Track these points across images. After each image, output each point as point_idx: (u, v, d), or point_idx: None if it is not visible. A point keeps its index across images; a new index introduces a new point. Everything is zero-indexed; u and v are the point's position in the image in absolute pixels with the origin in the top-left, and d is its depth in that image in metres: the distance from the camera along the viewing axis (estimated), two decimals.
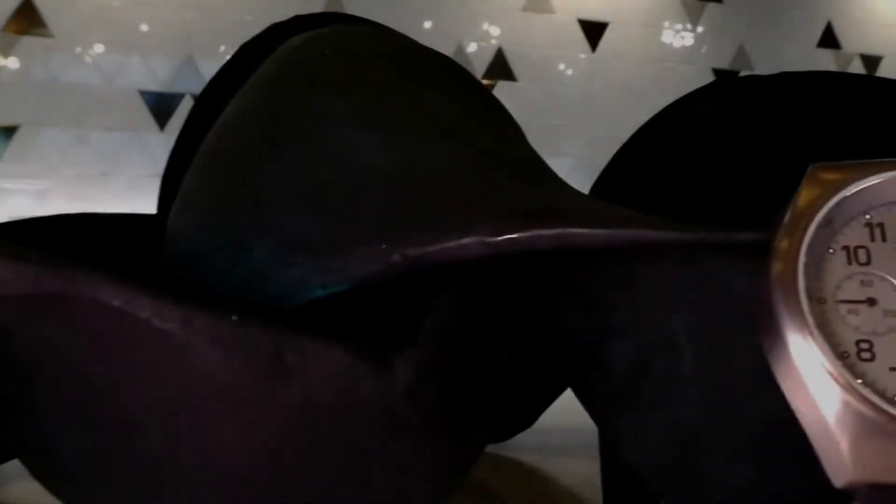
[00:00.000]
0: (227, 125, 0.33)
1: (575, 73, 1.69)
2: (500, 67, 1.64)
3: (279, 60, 0.34)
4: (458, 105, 0.32)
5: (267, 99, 0.32)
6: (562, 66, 1.69)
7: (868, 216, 0.23)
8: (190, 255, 0.32)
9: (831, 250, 0.22)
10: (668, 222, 0.25)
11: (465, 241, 0.25)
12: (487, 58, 1.64)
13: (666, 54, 1.74)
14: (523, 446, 0.48)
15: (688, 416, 0.28)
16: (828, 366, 0.20)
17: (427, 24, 1.61)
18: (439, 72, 0.34)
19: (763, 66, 1.74)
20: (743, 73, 1.53)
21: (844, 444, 0.20)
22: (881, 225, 0.23)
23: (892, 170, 0.23)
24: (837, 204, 0.23)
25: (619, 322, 0.29)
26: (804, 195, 0.23)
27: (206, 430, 0.25)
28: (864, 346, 0.21)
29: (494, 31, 1.64)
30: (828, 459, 0.20)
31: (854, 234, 0.23)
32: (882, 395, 0.20)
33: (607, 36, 1.70)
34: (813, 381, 0.20)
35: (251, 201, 0.30)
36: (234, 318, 0.23)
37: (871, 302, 0.22)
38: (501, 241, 0.25)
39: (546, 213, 0.25)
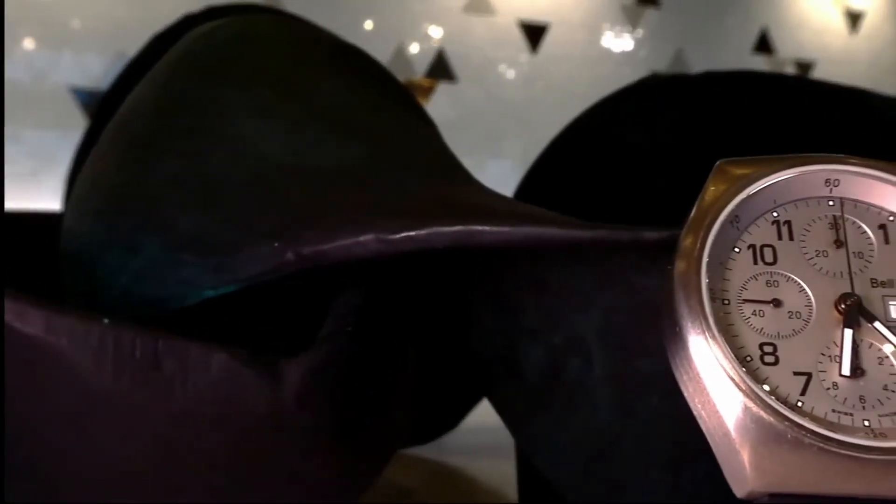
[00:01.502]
0: (124, 117, 0.32)
1: (516, 75, 1.69)
2: (442, 68, 1.63)
3: (180, 50, 0.32)
4: (364, 99, 0.31)
5: (164, 90, 0.31)
6: (503, 68, 1.68)
7: (775, 213, 0.22)
8: (82, 254, 0.30)
9: (737, 249, 0.21)
10: (573, 220, 0.24)
11: (361, 238, 0.24)
12: (429, 59, 1.62)
13: (606, 57, 1.75)
14: (447, 447, 0.47)
15: (600, 421, 0.27)
16: (729, 371, 0.19)
17: (368, 25, 1.59)
18: (347, 64, 0.32)
19: (700, 69, 1.74)
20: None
21: (745, 452, 0.19)
22: (788, 223, 0.22)
23: (801, 165, 0.22)
24: (744, 200, 0.22)
25: (530, 324, 0.28)
26: (710, 191, 0.22)
27: (85, 439, 0.23)
28: (768, 349, 0.20)
29: (436, 32, 1.63)
30: (729, 468, 0.19)
31: (761, 232, 0.22)
32: (784, 401, 0.19)
33: (548, 38, 1.70)
34: (714, 386, 0.19)
35: (142, 197, 0.28)
36: (106, 321, 0.21)
37: (776, 303, 0.21)
38: (398, 238, 0.24)
39: (446, 209, 0.24)
